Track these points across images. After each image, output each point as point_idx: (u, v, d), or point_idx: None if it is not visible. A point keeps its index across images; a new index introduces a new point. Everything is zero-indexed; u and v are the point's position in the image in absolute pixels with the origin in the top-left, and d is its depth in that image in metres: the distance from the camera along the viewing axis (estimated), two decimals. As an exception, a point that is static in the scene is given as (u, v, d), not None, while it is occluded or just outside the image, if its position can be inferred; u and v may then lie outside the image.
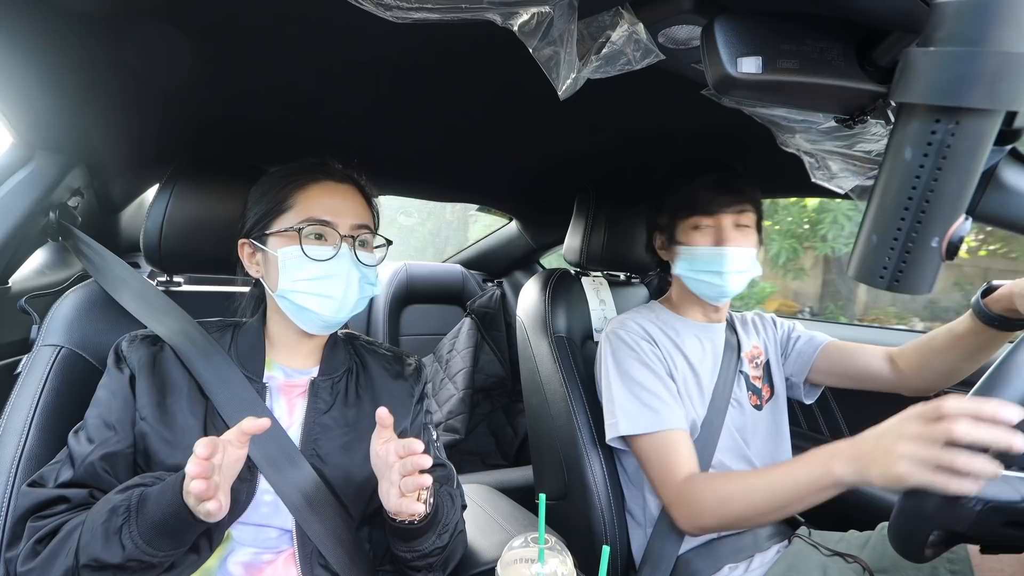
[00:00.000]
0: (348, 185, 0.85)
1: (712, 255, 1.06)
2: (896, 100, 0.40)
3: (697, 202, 1.06)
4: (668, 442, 1.01)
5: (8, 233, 0.93)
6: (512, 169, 1.50)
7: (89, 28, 0.72)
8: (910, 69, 0.38)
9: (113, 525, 0.64)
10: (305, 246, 0.78)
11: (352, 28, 0.72)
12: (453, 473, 0.92)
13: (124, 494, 0.67)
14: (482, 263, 2.47)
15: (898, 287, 0.41)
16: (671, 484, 0.99)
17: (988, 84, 0.36)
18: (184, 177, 0.94)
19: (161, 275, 0.99)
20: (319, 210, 0.80)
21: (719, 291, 1.09)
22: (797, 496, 0.84)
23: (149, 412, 0.74)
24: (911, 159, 0.39)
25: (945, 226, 0.40)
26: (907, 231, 0.40)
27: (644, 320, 1.14)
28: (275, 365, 0.84)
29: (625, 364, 1.07)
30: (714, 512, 0.93)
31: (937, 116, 0.38)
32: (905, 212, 0.40)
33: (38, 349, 0.85)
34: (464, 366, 2.12)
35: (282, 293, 0.80)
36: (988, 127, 0.38)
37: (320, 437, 0.80)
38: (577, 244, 1.34)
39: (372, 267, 0.83)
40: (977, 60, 0.36)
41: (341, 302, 0.79)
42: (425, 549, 0.76)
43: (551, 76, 0.61)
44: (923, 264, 0.41)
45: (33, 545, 0.67)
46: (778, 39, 0.55)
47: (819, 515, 1.24)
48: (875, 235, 0.42)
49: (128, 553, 0.63)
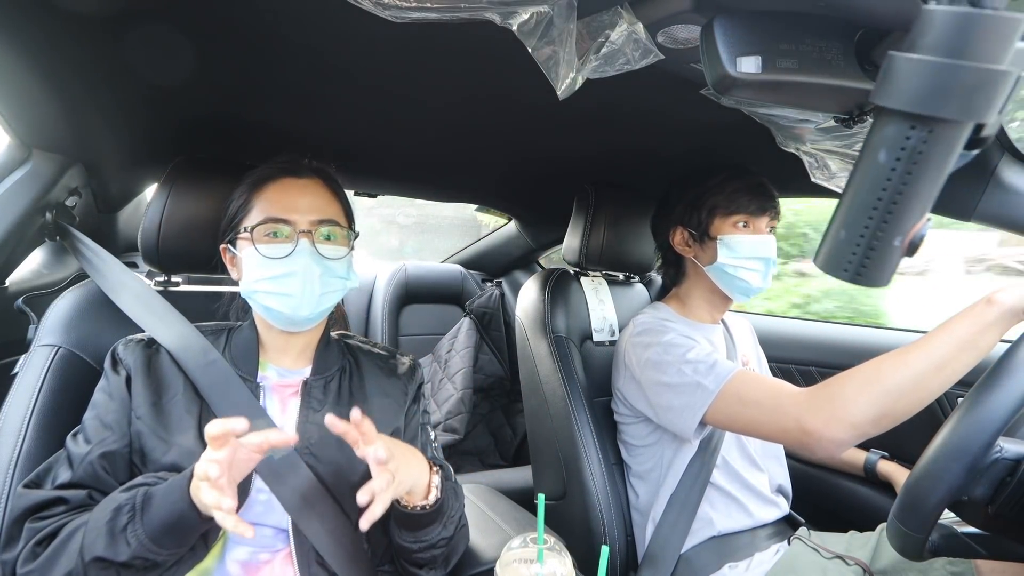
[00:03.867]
0: (311, 179, 0.84)
1: (758, 242, 1.08)
2: (876, 103, 0.41)
3: (744, 202, 1.09)
4: (753, 375, 0.96)
5: (5, 233, 0.93)
6: (511, 169, 1.50)
7: (87, 27, 0.72)
8: (893, 74, 0.39)
9: (118, 524, 0.64)
10: (259, 245, 0.78)
11: (351, 27, 0.72)
12: (450, 474, 0.92)
13: (128, 493, 0.67)
14: (481, 263, 2.47)
15: (860, 280, 0.43)
16: (792, 400, 0.87)
17: (965, 97, 0.37)
18: (182, 176, 0.94)
19: (159, 275, 0.98)
20: (273, 208, 0.80)
21: (757, 281, 1.09)
22: (957, 345, 0.76)
23: (145, 412, 0.75)
24: (884, 161, 0.41)
25: (909, 226, 0.42)
26: (874, 229, 0.42)
27: (659, 317, 1.15)
28: (268, 366, 0.85)
29: (664, 353, 1.04)
30: (863, 391, 0.79)
31: (912, 123, 0.39)
32: (874, 211, 0.42)
33: (35, 349, 0.85)
34: (463, 366, 2.12)
35: (247, 294, 0.81)
36: (959, 136, 0.39)
37: (314, 437, 0.80)
38: (576, 244, 1.34)
39: (338, 260, 0.82)
40: (957, 73, 0.37)
41: (301, 298, 0.78)
42: (431, 539, 0.76)
43: (550, 76, 0.61)
44: (885, 260, 0.43)
45: (33, 547, 0.67)
46: (777, 39, 0.55)
47: (819, 516, 1.25)
48: (844, 230, 0.44)
49: (134, 551, 0.63)
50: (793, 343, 1.57)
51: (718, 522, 1.07)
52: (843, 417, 0.79)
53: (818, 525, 1.14)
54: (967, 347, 0.76)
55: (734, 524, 1.08)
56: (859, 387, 0.79)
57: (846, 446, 0.81)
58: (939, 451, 0.64)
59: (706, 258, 1.12)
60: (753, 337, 1.33)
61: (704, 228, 1.12)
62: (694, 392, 0.97)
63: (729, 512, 1.09)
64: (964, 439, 0.63)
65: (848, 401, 0.79)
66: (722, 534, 1.08)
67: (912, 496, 0.66)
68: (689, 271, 1.19)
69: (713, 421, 0.97)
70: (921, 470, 0.65)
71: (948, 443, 0.64)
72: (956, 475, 0.62)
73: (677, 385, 1.00)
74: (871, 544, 1.01)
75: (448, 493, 0.80)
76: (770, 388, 0.91)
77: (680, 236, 1.17)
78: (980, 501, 0.64)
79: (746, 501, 1.10)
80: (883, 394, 0.78)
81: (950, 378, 0.77)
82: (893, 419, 0.78)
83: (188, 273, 0.99)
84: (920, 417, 0.80)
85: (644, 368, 1.06)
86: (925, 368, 0.77)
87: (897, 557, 0.94)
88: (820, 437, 0.81)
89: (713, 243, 1.10)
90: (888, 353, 0.81)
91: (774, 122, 0.79)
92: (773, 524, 1.13)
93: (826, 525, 1.14)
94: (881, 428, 0.79)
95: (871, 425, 0.79)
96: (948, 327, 0.78)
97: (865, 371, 0.81)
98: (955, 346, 0.76)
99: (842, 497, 1.32)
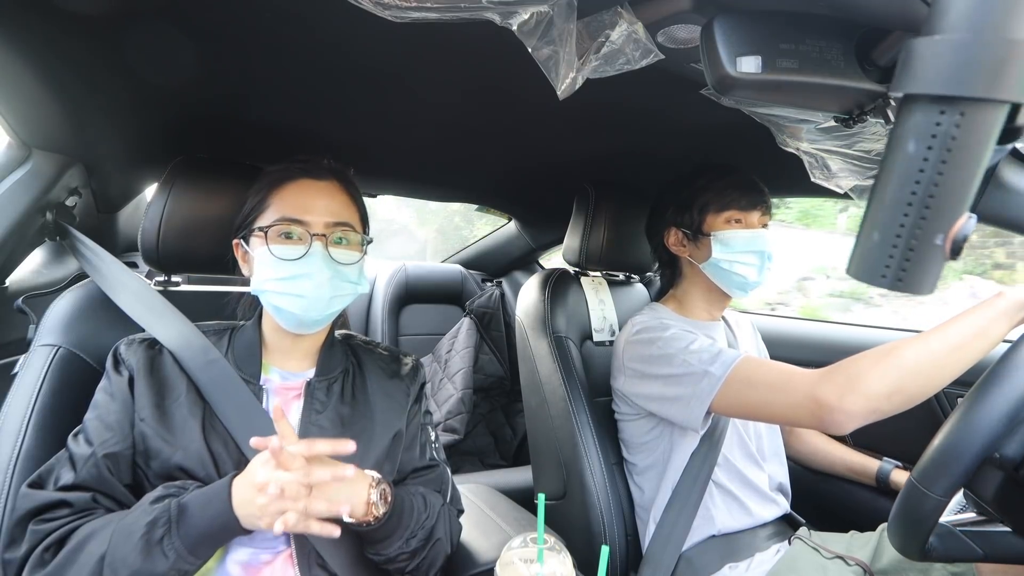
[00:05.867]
0: (329, 182, 0.83)
1: (752, 236, 1.09)
2: (898, 92, 0.39)
3: (734, 197, 1.10)
4: (760, 359, 0.96)
5: (5, 233, 0.93)
6: (511, 169, 1.50)
7: (87, 27, 0.71)
8: (912, 59, 0.38)
9: (154, 537, 0.64)
10: (272, 246, 0.78)
11: (350, 27, 0.72)
12: (446, 475, 0.92)
13: (159, 505, 0.67)
14: (481, 263, 2.47)
15: (901, 286, 0.40)
16: (803, 376, 0.87)
17: (993, 73, 0.35)
18: (182, 176, 0.94)
19: (159, 275, 0.98)
20: (290, 209, 0.79)
21: (753, 275, 1.09)
22: (972, 330, 0.79)
23: (148, 413, 0.74)
24: (914, 152, 0.38)
25: (949, 223, 0.38)
26: (910, 228, 0.39)
27: (657, 317, 1.15)
28: (271, 368, 0.84)
29: (666, 347, 1.04)
30: (878, 363, 0.80)
31: (941, 107, 0.37)
32: (908, 208, 0.39)
33: (35, 349, 0.85)
34: (463, 366, 2.12)
35: (258, 291, 0.80)
36: (993, 119, 0.37)
37: (316, 438, 0.79)
38: (576, 244, 1.34)
39: (351, 265, 0.81)
40: (982, 48, 0.35)
41: (311, 300, 0.78)
42: (390, 554, 0.76)
43: (550, 75, 0.61)
44: (927, 262, 0.39)
45: (40, 553, 0.66)
46: (777, 38, 0.55)
47: (820, 516, 1.25)
48: (876, 232, 0.40)
49: (172, 564, 0.64)
50: (793, 343, 1.57)
51: (719, 520, 1.07)
52: (857, 388, 0.79)
53: (819, 525, 1.13)
54: (980, 333, 0.79)
55: (734, 523, 1.08)
56: (874, 360, 0.81)
57: (859, 420, 0.80)
58: (978, 404, 0.63)
59: (701, 256, 1.13)
60: (755, 335, 1.33)
61: (697, 226, 1.13)
62: (700, 380, 0.97)
63: (730, 510, 1.09)
64: (1008, 389, 0.62)
65: (863, 372, 0.80)
66: (722, 533, 1.08)
67: (943, 453, 0.63)
68: (685, 271, 1.19)
69: (721, 408, 0.97)
70: (956, 423, 0.64)
71: (989, 394, 0.63)
72: (996, 425, 0.61)
73: (683, 375, 1.00)
74: (872, 544, 1.01)
75: (413, 504, 0.79)
76: (780, 369, 0.92)
77: (674, 236, 1.17)
78: (1011, 462, 0.63)
79: (746, 499, 1.10)
80: (898, 368, 0.78)
81: (962, 362, 0.79)
82: (906, 397, 0.79)
83: (188, 273, 0.99)
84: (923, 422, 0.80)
85: (648, 364, 1.06)
86: (940, 347, 0.79)
87: (898, 557, 0.94)
88: (832, 408, 0.81)
89: (707, 240, 1.11)
90: (902, 341, 0.82)
91: (774, 122, 0.79)
92: (773, 524, 1.13)
93: (827, 525, 1.14)
94: (894, 404, 0.79)
95: (885, 400, 0.79)
96: (963, 315, 0.82)
97: (881, 349, 0.82)
98: (970, 331, 0.80)
99: (842, 497, 1.31)
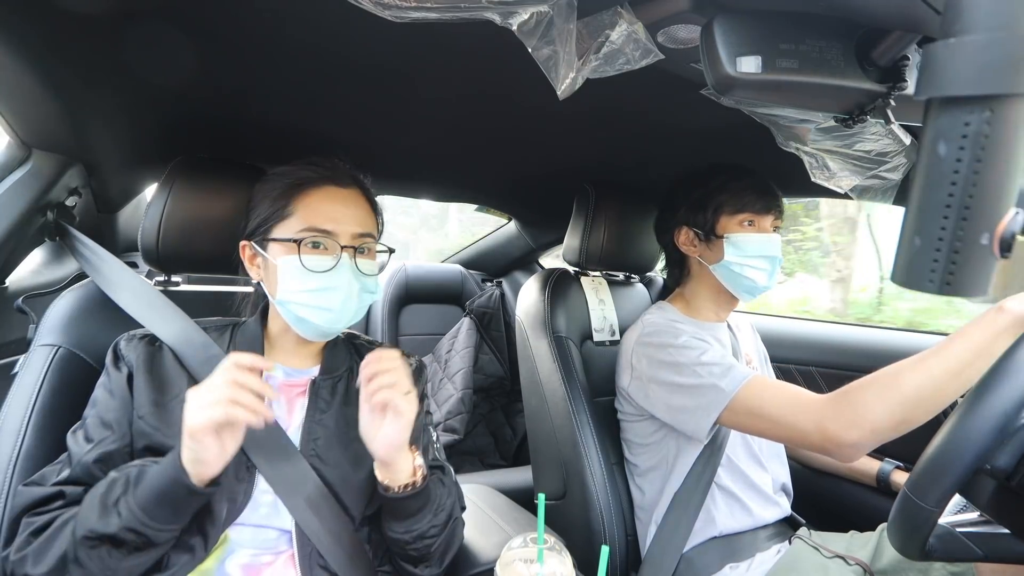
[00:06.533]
0: (352, 189, 0.83)
1: (765, 240, 1.09)
2: (922, 97, 0.39)
3: (750, 200, 1.10)
4: (770, 381, 0.96)
5: (5, 233, 0.93)
6: (511, 169, 1.50)
7: (87, 27, 0.71)
8: (933, 64, 0.38)
9: (111, 496, 0.64)
10: (304, 257, 0.76)
11: (350, 27, 0.72)
12: (451, 476, 0.92)
13: (123, 470, 0.67)
14: (481, 263, 2.47)
15: (950, 290, 0.39)
16: (812, 405, 0.87)
17: (1016, 69, 0.35)
18: (182, 176, 0.94)
19: (159, 275, 0.98)
20: (319, 219, 0.78)
21: (763, 280, 1.09)
22: (973, 351, 0.77)
23: (147, 411, 0.74)
24: (946, 154, 0.38)
25: (993, 221, 0.38)
26: (952, 230, 0.38)
27: (667, 318, 1.15)
28: (275, 364, 0.84)
29: (678, 355, 1.03)
30: (883, 396, 0.80)
31: (969, 107, 0.37)
32: (947, 210, 0.38)
33: (35, 349, 0.85)
34: (463, 366, 2.12)
35: (281, 302, 0.79)
36: (1023, 113, 0.37)
37: (320, 437, 0.79)
38: (576, 244, 1.34)
39: (372, 276, 0.81)
40: (1003, 46, 0.35)
41: (339, 313, 0.78)
42: (421, 528, 0.76)
43: (550, 75, 0.61)
44: (974, 264, 0.38)
45: (27, 537, 0.67)
46: (777, 39, 0.55)
47: (820, 516, 1.25)
48: (918, 237, 0.40)
49: (124, 521, 0.63)
50: (793, 343, 1.57)
51: (720, 521, 1.07)
52: (864, 424, 0.80)
53: (819, 525, 1.13)
54: (982, 353, 0.77)
55: (736, 524, 1.08)
56: (879, 394, 0.81)
57: (865, 451, 0.83)
58: (968, 416, 0.62)
59: (712, 257, 1.13)
60: (756, 337, 1.33)
61: (710, 227, 1.12)
62: (709, 394, 0.97)
63: (732, 511, 1.09)
64: (997, 402, 0.61)
65: (868, 408, 0.81)
66: (724, 534, 1.08)
67: (934, 464, 0.63)
68: (694, 271, 1.19)
69: (727, 423, 0.98)
70: (947, 435, 0.63)
71: (980, 407, 0.62)
72: (987, 437, 0.60)
73: (693, 387, 1.00)
74: (872, 544, 1.01)
75: (434, 480, 0.79)
76: (788, 393, 0.92)
77: (685, 236, 1.17)
78: (1002, 472, 0.63)
79: (749, 501, 1.09)
80: (903, 401, 0.79)
81: (965, 384, 0.78)
82: (911, 424, 0.80)
83: (188, 273, 0.99)
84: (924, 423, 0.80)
85: (658, 369, 1.05)
86: (942, 374, 0.77)
87: (898, 557, 0.94)
88: (840, 443, 0.83)
89: (719, 242, 1.11)
90: (905, 360, 0.81)
91: (774, 122, 0.79)
92: (774, 524, 1.13)
93: (827, 525, 1.14)
94: (899, 433, 0.81)
95: (891, 431, 0.80)
96: (963, 334, 0.79)
97: (884, 378, 0.81)
98: (971, 352, 0.77)
99: (843, 497, 1.31)
